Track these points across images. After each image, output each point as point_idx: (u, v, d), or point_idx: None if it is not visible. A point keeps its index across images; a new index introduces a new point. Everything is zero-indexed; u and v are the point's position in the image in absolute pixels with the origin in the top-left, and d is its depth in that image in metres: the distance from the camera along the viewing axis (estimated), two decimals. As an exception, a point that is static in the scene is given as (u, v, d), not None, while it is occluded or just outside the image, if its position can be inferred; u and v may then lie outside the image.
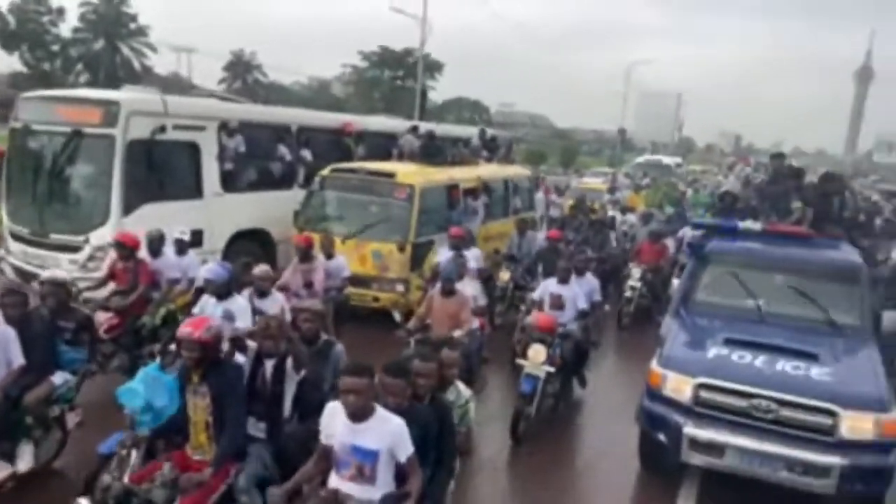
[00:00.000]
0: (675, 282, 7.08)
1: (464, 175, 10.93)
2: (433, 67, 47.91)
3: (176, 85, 44.58)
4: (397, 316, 6.64)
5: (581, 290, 7.18)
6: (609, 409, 7.08)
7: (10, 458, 4.68)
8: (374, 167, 10.07)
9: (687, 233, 10.84)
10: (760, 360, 5.08)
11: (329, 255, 7.95)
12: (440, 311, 6.38)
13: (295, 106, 20.89)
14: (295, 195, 10.60)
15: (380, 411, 3.35)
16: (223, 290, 5.82)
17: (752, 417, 4.83)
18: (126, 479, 3.69)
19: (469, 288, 6.94)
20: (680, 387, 5.07)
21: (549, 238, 10.04)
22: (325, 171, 9.92)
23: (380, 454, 3.30)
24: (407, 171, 9.92)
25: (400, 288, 8.88)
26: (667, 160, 32.92)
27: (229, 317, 5.59)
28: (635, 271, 10.23)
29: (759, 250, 6.45)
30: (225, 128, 9.58)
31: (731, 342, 5.36)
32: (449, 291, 6.43)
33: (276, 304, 6.14)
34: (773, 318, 5.79)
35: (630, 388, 6.30)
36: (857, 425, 4.61)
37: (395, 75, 48.54)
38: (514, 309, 9.28)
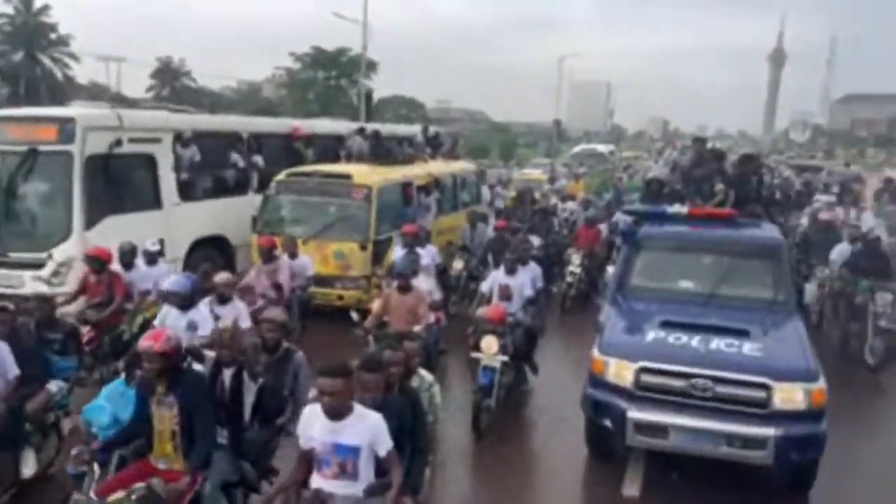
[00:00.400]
0: (610, 269, 7.25)
1: (416, 173, 11.42)
2: (368, 66, 47.77)
3: (101, 95, 43.25)
4: (354, 315, 6.56)
5: (526, 279, 7.37)
6: (560, 392, 7.09)
7: (15, 464, 4.90)
8: (330, 170, 10.42)
9: (620, 218, 11.52)
10: (696, 341, 5.22)
11: (293, 255, 8.28)
12: (397, 307, 6.49)
13: (225, 111, 20.93)
14: (250, 201, 10.85)
15: (357, 408, 3.42)
16: (186, 302, 5.83)
17: (691, 397, 4.96)
18: (92, 494, 3.75)
19: (424, 283, 7.10)
20: (621, 372, 5.17)
21: (497, 228, 10.59)
22: (281, 176, 10.15)
23: (361, 450, 3.39)
24: (362, 172, 10.26)
25: (364, 285, 9.24)
26: (601, 148, 33.98)
27: (193, 327, 5.66)
28: (575, 257, 10.65)
29: (687, 234, 6.62)
30: (179, 138, 9.74)
31: (667, 325, 5.48)
32: (405, 288, 6.52)
33: (234, 311, 6.16)
34: (705, 299, 5.99)
35: (578, 369, 6.35)
36: (788, 396, 4.80)
37: (329, 76, 48.21)
38: (468, 299, 9.65)
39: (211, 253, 10.20)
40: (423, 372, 4.54)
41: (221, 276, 6.46)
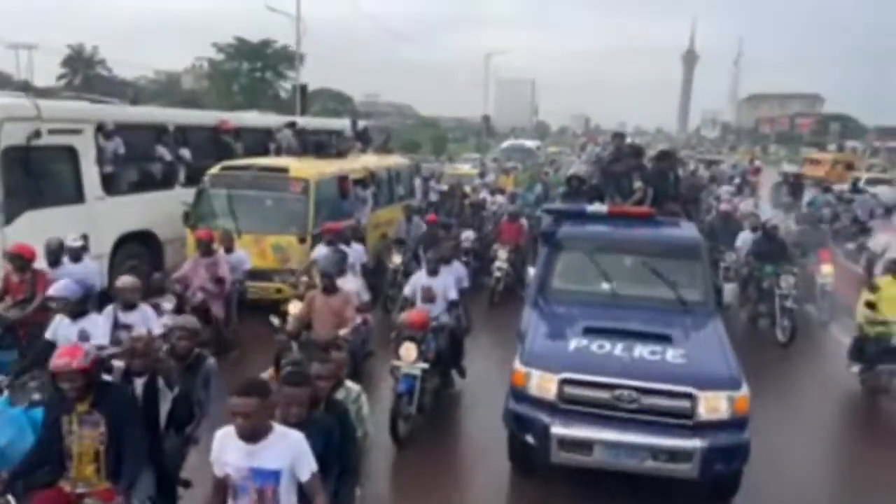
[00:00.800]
0: (531, 270, 6.97)
1: (352, 166, 11.41)
2: (293, 58, 46.88)
3: (8, 84, 40.60)
4: (275, 320, 6.20)
5: (450, 280, 7.03)
6: (488, 392, 6.57)
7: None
8: (266, 163, 10.30)
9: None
10: (619, 349, 5.06)
11: (228, 250, 8.16)
12: (322, 309, 6.19)
13: (145, 102, 20.14)
14: (177, 194, 10.58)
15: (277, 428, 3.10)
16: (77, 309, 5.34)
17: (616, 409, 4.78)
18: None
19: (351, 283, 6.85)
20: (544, 384, 4.93)
21: (428, 223, 10.68)
22: (215, 170, 9.95)
23: (281, 474, 3.05)
24: (300, 166, 10.18)
25: (303, 278, 9.05)
26: (528, 144, 34.87)
27: (85, 337, 5.17)
28: (501, 252, 10.65)
29: (608, 233, 6.50)
30: (102, 130, 9.35)
31: (589, 331, 5.30)
32: (330, 289, 6.24)
33: (142, 317, 5.71)
34: (627, 301, 5.88)
35: (505, 367, 5.84)
36: (712, 405, 4.69)
37: (254, 67, 46.98)
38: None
39: (138, 249, 9.90)
40: (349, 382, 4.26)
41: (124, 281, 5.89)
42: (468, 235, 10.94)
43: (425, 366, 5.99)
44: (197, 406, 4.43)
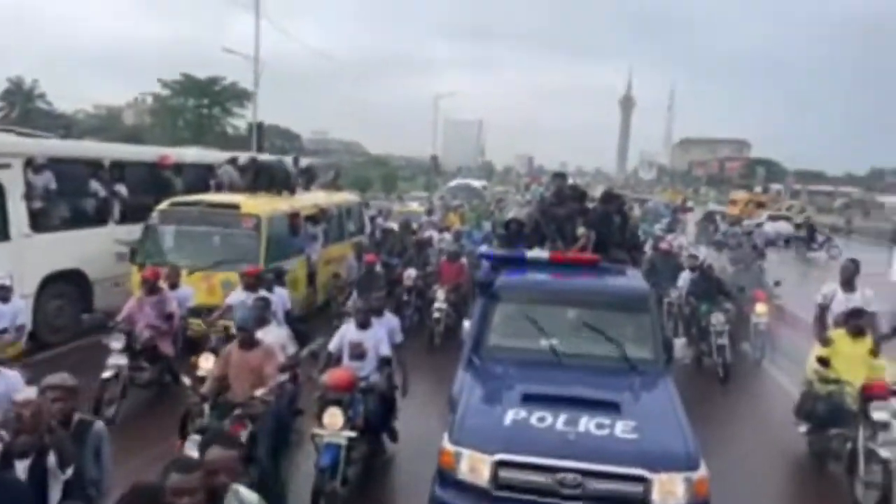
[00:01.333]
0: (466, 324, 6.22)
1: (303, 203, 11.31)
2: (243, 96, 46.45)
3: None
4: (186, 380, 5.47)
5: (382, 333, 6.15)
6: (425, 457, 5.32)
7: None
8: (216, 199, 10.07)
9: (482, 250, 11.50)
10: (562, 421, 4.41)
11: (174, 286, 7.83)
12: (239, 366, 5.40)
13: (87, 137, 19.64)
14: (111, 232, 10.19)
15: None
16: None
17: (558, 496, 4.15)
18: None
19: (274, 335, 6.03)
20: (476, 467, 4.26)
21: (367, 262, 10.07)
22: (163, 206, 9.70)
23: None
24: (250, 202, 10.03)
25: (221, 322, 8.61)
26: (475, 183, 35.12)
27: None
28: (440, 293, 10.23)
29: (549, 283, 6.00)
30: (31, 164, 8.89)
31: (529, 399, 4.68)
32: (248, 343, 5.44)
33: (15, 383, 4.35)
34: (570, 360, 5.29)
35: (445, 419, 5.24)
36: (667, 489, 4.10)
37: (200, 104, 46.28)
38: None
39: (66, 289, 9.37)
40: (242, 491, 3.03)
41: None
42: (410, 273, 10.74)
43: (352, 434, 5.15)
44: (92, 487, 3.63)
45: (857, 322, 6.38)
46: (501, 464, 4.24)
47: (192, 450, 4.45)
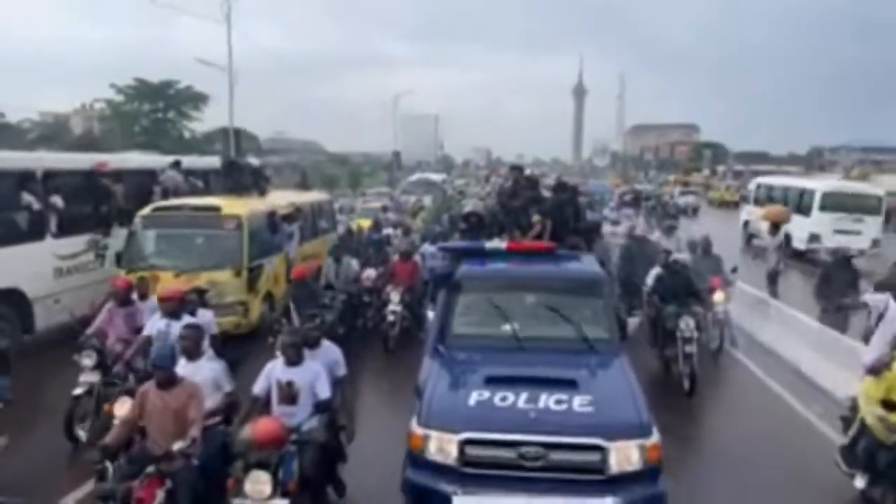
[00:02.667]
0: (430, 314, 6.33)
1: (279, 202, 11.62)
2: (197, 99, 44.94)
3: None
4: (81, 432, 4.61)
5: (318, 368, 5.07)
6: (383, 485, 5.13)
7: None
8: (198, 203, 10.38)
9: (427, 249, 11.09)
10: (523, 399, 4.58)
11: (143, 297, 7.43)
12: (158, 411, 4.47)
13: (36, 147, 18.65)
14: (48, 246, 9.52)
15: None
16: None
17: (523, 469, 4.33)
18: None
19: (207, 370, 5.07)
20: (444, 447, 4.39)
21: (296, 278, 9.09)
22: (146, 211, 9.97)
23: None
24: (231, 204, 10.28)
25: (241, 310, 9.37)
26: (434, 177, 34.83)
27: None
28: (394, 294, 9.69)
29: (508, 271, 6.17)
30: None
31: (492, 381, 4.81)
32: (167, 382, 4.52)
33: None
34: (531, 343, 5.43)
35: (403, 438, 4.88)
36: (623, 456, 4.33)
37: (156, 108, 44.59)
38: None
39: (3, 310, 8.64)
40: None
41: None
42: (369, 274, 10.34)
43: (284, 502, 4.29)
44: None
45: None
46: (468, 442, 4.40)
47: None
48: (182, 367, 4.79)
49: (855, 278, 9.50)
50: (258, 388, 4.97)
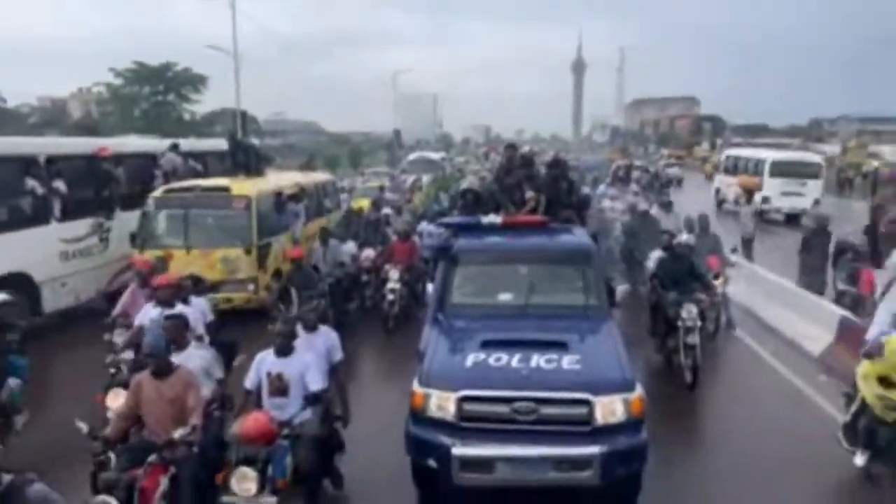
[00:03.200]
0: (430, 286, 6.56)
1: (285, 182, 11.95)
2: (196, 81, 44.81)
3: None
4: (82, 425, 4.25)
5: (310, 358, 4.89)
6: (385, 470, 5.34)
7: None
8: (208, 184, 10.70)
9: (425, 227, 11.24)
10: (517, 360, 4.88)
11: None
12: (154, 400, 4.41)
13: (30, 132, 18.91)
14: (54, 230, 9.66)
15: None
16: None
17: (516, 422, 4.63)
18: None
19: (198, 358, 5.01)
20: (444, 404, 4.70)
21: (293, 259, 8.82)
22: (157, 193, 10.28)
23: None
24: (241, 184, 10.61)
25: (251, 287, 9.63)
26: (433, 156, 34.72)
27: None
28: (393, 272, 9.62)
29: (503, 244, 6.41)
30: None
31: (487, 344, 5.10)
32: (162, 371, 4.46)
33: None
34: (525, 310, 5.76)
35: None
36: (608, 409, 4.62)
37: (156, 90, 44.50)
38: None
39: (10, 294, 8.70)
40: None
41: None
42: (368, 254, 10.44)
43: (272, 500, 4.18)
44: None
45: None
46: (465, 399, 4.68)
47: None
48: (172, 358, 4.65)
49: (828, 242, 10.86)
50: (249, 381, 4.87)
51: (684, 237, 9.06)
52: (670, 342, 7.84)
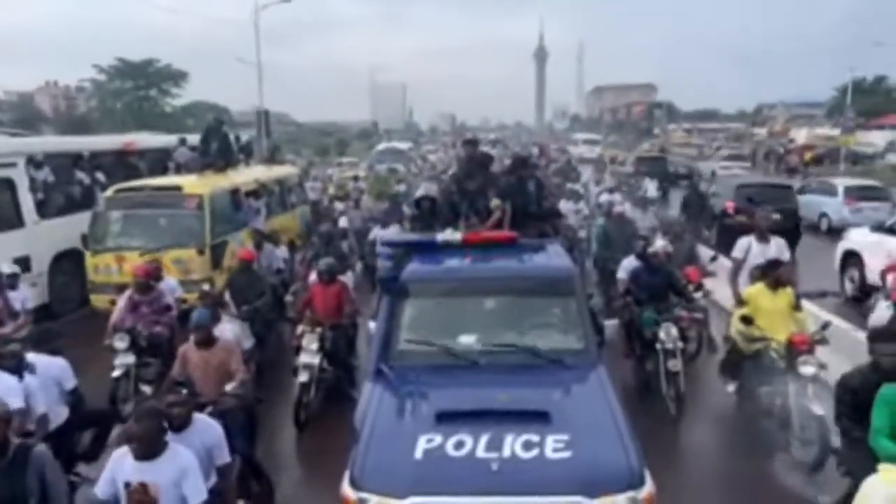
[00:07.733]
0: (371, 325, 5.10)
1: (243, 179, 11.57)
2: (176, 76, 45.81)
3: None
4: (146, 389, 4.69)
5: (190, 458, 3.54)
6: None
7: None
8: (159, 182, 10.39)
9: (378, 233, 9.55)
10: (483, 445, 3.62)
11: (158, 279, 7.38)
12: (202, 367, 4.86)
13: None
14: None
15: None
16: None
17: None
18: None
19: (229, 330, 5.60)
20: None
21: (241, 259, 7.92)
22: (109, 192, 9.87)
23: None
24: (192, 182, 10.22)
25: (206, 287, 8.32)
26: (400, 146, 34.60)
27: None
28: (308, 339, 6.49)
29: (464, 269, 5.07)
30: (32, 161, 10.03)
31: (444, 418, 3.83)
32: (207, 342, 4.93)
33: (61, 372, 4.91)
34: (492, 358, 4.44)
35: None
36: None
37: (139, 85, 45.33)
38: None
39: (69, 266, 10.23)
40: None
41: None
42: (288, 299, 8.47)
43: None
44: None
45: (776, 274, 5.93)
46: None
47: None
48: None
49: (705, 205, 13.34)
50: (101, 491, 3.47)
51: (660, 244, 7.45)
52: (648, 366, 6.65)
